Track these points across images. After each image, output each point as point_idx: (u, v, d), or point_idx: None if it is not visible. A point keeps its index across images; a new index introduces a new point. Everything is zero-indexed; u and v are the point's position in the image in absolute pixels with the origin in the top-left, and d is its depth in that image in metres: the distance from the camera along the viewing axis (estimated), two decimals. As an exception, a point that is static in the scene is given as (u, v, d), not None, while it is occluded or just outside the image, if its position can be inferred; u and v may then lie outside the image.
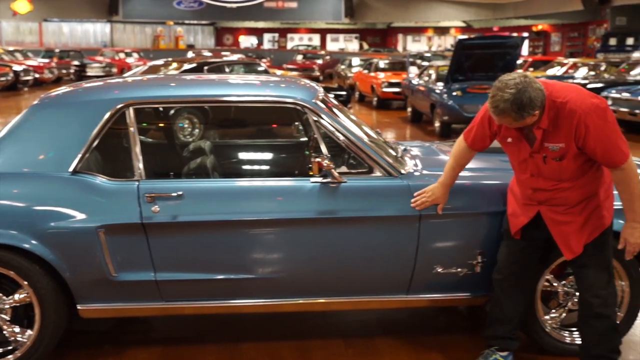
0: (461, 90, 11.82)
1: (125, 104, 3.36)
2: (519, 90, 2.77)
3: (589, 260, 3.09)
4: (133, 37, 45.41)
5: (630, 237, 3.03)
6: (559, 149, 2.92)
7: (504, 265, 3.27)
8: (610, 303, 3.14)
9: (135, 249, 3.25)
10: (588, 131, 2.84)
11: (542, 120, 2.88)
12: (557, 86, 2.94)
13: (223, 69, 11.72)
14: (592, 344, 3.18)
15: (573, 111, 2.84)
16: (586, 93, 2.94)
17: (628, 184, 2.93)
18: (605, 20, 32.02)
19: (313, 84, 3.89)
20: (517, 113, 2.80)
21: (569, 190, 3.02)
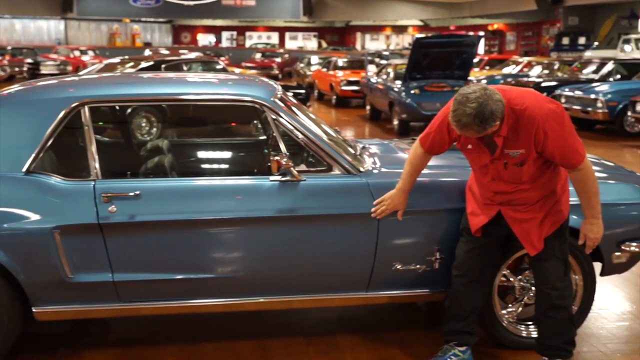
0: (419, 89, 11.94)
1: (80, 102, 3.31)
2: (480, 104, 2.79)
3: (546, 253, 3.16)
4: (88, 35, 44.65)
5: (590, 232, 3.15)
6: (519, 154, 2.97)
7: (463, 261, 3.31)
8: (567, 295, 3.22)
9: (92, 250, 3.20)
10: (547, 136, 2.90)
11: (502, 129, 2.92)
12: (514, 93, 2.98)
13: (181, 67, 11.60)
14: (549, 336, 3.25)
15: (532, 118, 2.89)
16: (543, 98, 3.00)
17: (585, 182, 3.03)
18: (558, 19, 32.67)
19: (271, 83, 3.89)
20: (479, 126, 2.83)
21: (529, 191, 3.09)
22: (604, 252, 3.56)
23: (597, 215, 3.11)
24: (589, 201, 3.09)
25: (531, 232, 3.14)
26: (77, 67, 27.09)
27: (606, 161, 4.24)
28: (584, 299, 3.58)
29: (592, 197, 3.07)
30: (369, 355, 3.56)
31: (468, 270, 3.30)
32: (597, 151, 10.16)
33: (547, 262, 3.17)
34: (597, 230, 3.14)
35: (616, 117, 11.98)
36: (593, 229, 3.14)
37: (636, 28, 26.40)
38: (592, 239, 3.16)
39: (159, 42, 46.63)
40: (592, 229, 3.14)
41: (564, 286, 3.20)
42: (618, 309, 4.23)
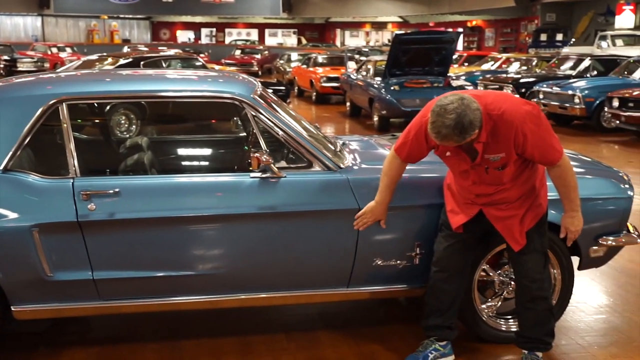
0: (399, 85, 11.98)
1: (58, 99, 3.28)
2: (459, 115, 2.80)
3: (526, 246, 3.20)
4: (66, 32, 44.16)
5: (571, 225, 3.20)
6: (500, 158, 3.00)
7: (442, 257, 3.33)
8: (546, 286, 3.27)
9: (71, 248, 3.18)
10: (526, 138, 2.94)
11: (481, 135, 2.93)
12: (490, 98, 2.99)
13: (160, 64, 11.54)
14: (528, 328, 3.29)
15: (510, 121, 2.92)
16: (518, 101, 3.03)
17: (565, 178, 3.08)
18: (536, 16, 32.94)
19: (251, 79, 3.88)
20: (459, 136, 2.85)
21: (510, 190, 3.13)
22: (581, 247, 3.60)
23: (576, 208, 3.16)
24: (568, 195, 3.13)
25: (513, 228, 3.18)
26: (54, 64, 26.80)
27: (583, 156, 4.29)
28: (563, 293, 3.62)
29: (572, 191, 3.12)
30: (350, 351, 3.57)
31: (447, 265, 3.32)
32: (574, 146, 10.26)
33: (527, 255, 3.21)
34: (577, 223, 3.20)
35: (593, 113, 12.11)
36: (574, 222, 3.19)
37: (612, 25, 26.68)
38: (573, 232, 3.22)
39: (137, 39, 46.24)
40: (573, 222, 3.19)
41: (544, 278, 3.25)
42: (595, 302, 4.29)
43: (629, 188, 3.74)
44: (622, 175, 3.86)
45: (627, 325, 3.93)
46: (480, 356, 3.52)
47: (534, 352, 3.31)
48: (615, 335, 3.81)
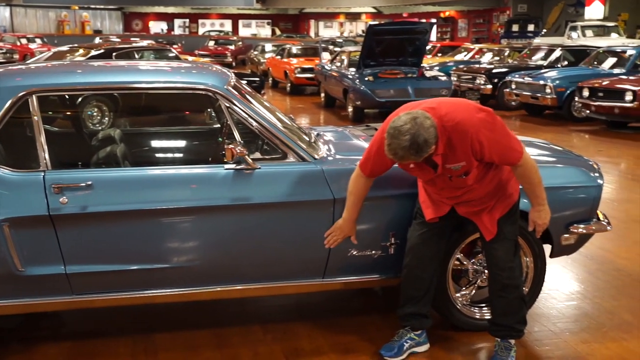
0: (373, 76, 12.00)
1: (27, 91, 3.23)
2: (413, 135, 2.82)
3: (497, 235, 3.24)
4: (35, 22, 43.48)
5: (538, 219, 3.25)
6: (461, 167, 3.02)
7: (416, 244, 3.35)
8: (517, 275, 3.30)
9: (43, 242, 3.15)
10: (482, 146, 2.95)
11: (438, 148, 2.95)
12: (444, 109, 2.98)
13: (132, 55, 11.43)
14: (500, 315, 3.33)
15: (464, 131, 2.93)
16: (472, 108, 3.01)
17: (528, 176, 3.11)
18: (507, 7, 33.22)
19: (225, 70, 3.86)
20: (416, 155, 2.88)
21: (477, 190, 3.16)
22: (553, 235, 3.65)
23: (542, 202, 3.21)
24: (533, 191, 3.17)
25: (484, 218, 3.23)
26: (24, 56, 26.40)
27: (555, 145, 4.34)
28: (535, 281, 3.67)
29: (536, 187, 3.15)
30: (325, 341, 3.59)
31: (421, 253, 3.34)
32: (546, 136, 10.39)
33: (497, 243, 3.25)
34: (544, 216, 3.24)
35: (564, 103, 12.25)
36: (540, 215, 3.24)
37: (582, 16, 26.98)
38: (541, 225, 3.26)
39: (109, 30, 45.72)
40: (540, 216, 3.24)
41: (514, 266, 3.28)
42: (567, 289, 4.35)
43: (598, 176, 3.79)
44: (592, 164, 3.92)
45: (598, 312, 3.99)
46: (454, 344, 3.56)
47: (506, 340, 3.35)
48: (586, 322, 3.87)
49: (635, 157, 9.30)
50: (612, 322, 3.85)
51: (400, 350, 3.39)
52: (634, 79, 11.15)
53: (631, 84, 10.91)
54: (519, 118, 13.11)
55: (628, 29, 25.95)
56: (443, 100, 3.10)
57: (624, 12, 26.85)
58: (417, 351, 3.44)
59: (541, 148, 4.14)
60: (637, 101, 10.55)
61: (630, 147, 9.96)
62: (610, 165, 8.58)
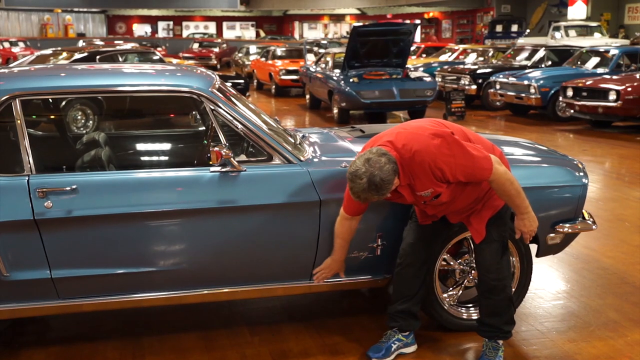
0: (358, 77, 12.01)
1: (11, 95, 3.20)
2: (369, 177, 2.87)
3: (485, 237, 3.25)
4: (18, 26, 43.16)
5: (523, 227, 3.22)
6: (430, 193, 3.04)
7: (410, 245, 3.35)
8: (505, 276, 3.30)
9: (28, 247, 3.12)
10: (444, 171, 2.96)
11: (401, 180, 2.99)
12: (401, 140, 3.00)
13: (116, 58, 11.38)
14: (488, 316, 3.34)
15: (421, 161, 2.95)
16: (428, 136, 2.99)
17: (502, 189, 3.07)
18: (491, 7, 33.39)
19: (209, 73, 3.84)
20: (377, 194, 2.93)
21: (460, 202, 3.18)
22: (539, 234, 3.66)
23: (524, 211, 3.16)
24: (512, 202, 3.14)
25: (473, 221, 3.25)
26: (7, 59, 26.24)
27: (540, 145, 4.36)
28: (521, 280, 3.69)
29: (514, 198, 3.11)
30: (313, 343, 3.58)
31: (415, 253, 3.35)
32: (530, 136, 10.46)
33: (484, 244, 3.26)
34: (529, 224, 3.20)
35: (548, 103, 12.33)
36: (525, 223, 3.20)
37: (565, 16, 27.17)
38: (527, 232, 3.23)
39: (92, 33, 45.47)
40: (524, 224, 3.20)
41: (501, 268, 3.29)
42: (553, 288, 4.37)
43: (583, 176, 3.81)
44: (577, 164, 3.94)
45: (584, 310, 4.02)
46: (442, 345, 3.57)
47: (494, 340, 3.36)
48: (572, 321, 3.89)
49: (619, 156, 9.38)
50: (599, 320, 3.88)
51: (388, 351, 3.40)
52: (617, 79, 11.25)
53: (614, 83, 11.00)
54: (503, 118, 13.18)
55: (610, 28, 26.19)
56: (402, 130, 3.09)
57: (606, 12, 27.10)
58: (404, 352, 3.44)
59: (526, 148, 4.16)
60: (621, 100, 10.64)
61: (614, 146, 10.04)
62: (594, 165, 8.65)
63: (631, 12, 26.91)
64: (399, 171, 2.96)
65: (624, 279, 4.51)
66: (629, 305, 4.08)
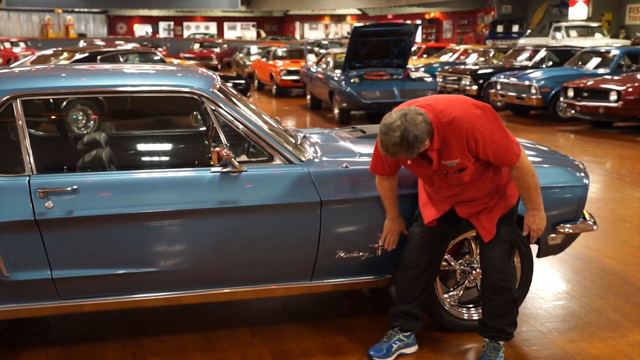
0: (358, 77, 12.01)
1: (12, 95, 3.20)
2: (403, 131, 2.83)
3: (494, 236, 3.22)
4: (19, 26, 43.19)
5: (532, 224, 3.22)
6: (456, 164, 3.02)
7: (414, 247, 3.34)
8: (510, 277, 3.29)
9: (29, 247, 3.12)
10: (478, 143, 2.95)
11: (433, 143, 2.96)
12: (440, 105, 2.99)
13: (117, 58, 11.38)
14: (491, 317, 3.33)
15: (460, 128, 2.93)
16: (469, 104, 3.01)
17: (523, 179, 3.09)
18: (492, 8, 33.37)
19: (210, 73, 3.84)
20: (407, 151, 2.89)
21: (475, 189, 3.16)
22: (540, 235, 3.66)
23: (537, 207, 3.18)
24: (528, 195, 3.15)
25: (483, 219, 3.21)
26: (8, 60, 26.26)
27: (541, 146, 4.36)
28: (522, 280, 3.68)
29: (532, 191, 3.13)
30: (314, 343, 3.58)
31: (419, 256, 3.33)
32: (531, 136, 10.45)
33: (493, 244, 3.24)
34: (539, 222, 3.22)
35: (549, 103, 12.33)
36: (535, 220, 3.21)
37: (566, 16, 27.15)
38: (535, 230, 3.24)
39: (93, 33, 45.50)
40: (535, 221, 3.21)
41: (508, 269, 3.27)
42: (554, 289, 4.37)
43: (584, 176, 3.81)
44: (577, 164, 3.94)
45: (585, 311, 4.02)
46: (443, 345, 3.57)
47: (495, 340, 3.35)
48: (573, 321, 3.89)
49: (620, 156, 9.37)
50: (599, 321, 3.88)
51: (389, 351, 3.40)
52: (618, 79, 11.24)
53: (615, 83, 10.99)
54: (504, 118, 13.17)
55: (611, 29, 26.17)
56: (440, 97, 3.11)
57: (607, 13, 27.07)
58: (405, 352, 3.44)
59: (527, 148, 4.14)
60: (622, 101, 10.64)
61: (615, 147, 10.03)
62: (595, 165, 8.64)
63: (632, 13, 26.89)
64: (433, 133, 2.92)
65: (625, 280, 4.51)
66: (630, 305, 4.08)
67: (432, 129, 2.91)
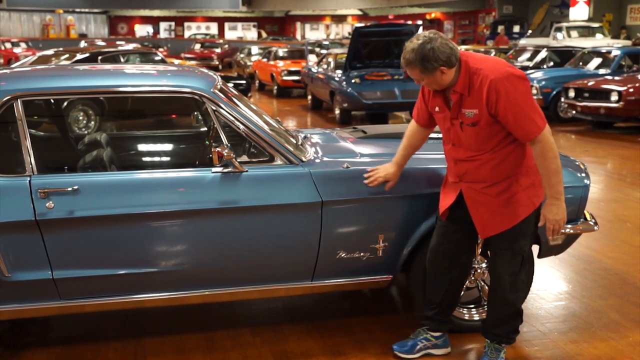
0: (359, 78, 12.01)
1: (12, 95, 3.20)
2: (424, 42, 2.87)
3: (502, 245, 3.15)
4: (20, 26, 43.22)
5: (549, 213, 3.00)
6: (474, 115, 2.94)
7: (431, 252, 3.32)
8: (518, 289, 3.21)
9: (30, 248, 3.12)
10: (499, 97, 2.86)
11: (457, 84, 2.95)
12: (478, 56, 3.02)
13: (118, 59, 11.38)
14: (494, 325, 3.30)
15: (486, 77, 2.88)
16: (504, 63, 2.96)
17: (543, 158, 2.92)
18: (493, 8, 33.37)
19: (211, 73, 3.84)
20: (421, 64, 2.88)
21: (486, 163, 3.03)
22: (541, 235, 3.65)
23: (557, 195, 2.96)
24: (548, 179, 2.95)
25: (484, 216, 3.11)
26: (8, 60, 26.28)
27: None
28: (523, 281, 3.68)
29: (552, 175, 2.93)
30: (315, 344, 3.58)
31: (436, 260, 3.32)
32: (533, 137, 10.41)
33: (501, 255, 3.15)
34: (556, 212, 2.98)
35: (550, 103, 12.32)
36: (552, 209, 2.98)
37: (567, 16, 27.14)
38: (551, 221, 3.00)
39: (94, 34, 45.53)
40: (552, 210, 2.98)
41: (516, 281, 3.18)
42: (555, 289, 4.37)
43: (585, 177, 3.81)
44: (578, 164, 3.94)
45: (586, 311, 4.01)
46: (443, 345, 3.56)
47: (497, 342, 3.34)
48: (574, 321, 3.89)
49: (621, 157, 9.37)
50: (600, 321, 3.87)
51: (413, 348, 3.39)
52: (619, 80, 11.24)
53: (616, 84, 10.99)
54: (505, 119, 13.15)
55: (612, 29, 26.15)
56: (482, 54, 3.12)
57: (608, 13, 27.06)
58: (433, 354, 3.42)
59: (528, 149, 4.15)
60: (623, 101, 10.64)
61: (616, 147, 10.03)
62: (596, 166, 8.64)
63: (633, 13, 26.88)
64: (460, 71, 2.94)
65: (626, 280, 4.50)
66: (631, 305, 4.08)
67: (457, 64, 2.93)
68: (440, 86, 3.00)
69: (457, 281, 3.36)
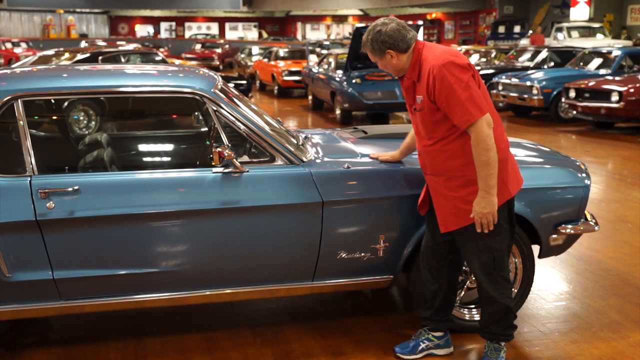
0: (360, 78, 12.00)
1: (13, 96, 3.20)
2: (377, 25, 3.06)
3: (468, 244, 3.15)
4: (20, 26, 43.22)
5: (477, 206, 2.97)
6: (421, 101, 3.06)
7: (424, 244, 3.36)
8: (501, 286, 3.19)
9: (30, 248, 3.12)
10: (436, 83, 2.93)
11: (408, 71, 3.08)
12: (433, 46, 3.10)
13: (119, 59, 11.39)
14: (487, 324, 3.31)
15: (429, 64, 2.99)
16: (452, 52, 2.99)
17: (475, 148, 2.90)
18: (494, 8, 33.36)
19: (212, 74, 3.84)
20: (370, 45, 3.07)
21: (439, 153, 3.05)
22: (541, 235, 3.66)
23: (486, 188, 2.91)
24: (478, 171, 2.92)
25: (445, 210, 3.11)
26: (9, 60, 26.29)
27: (542, 146, 4.35)
28: (524, 281, 3.68)
29: (481, 167, 2.89)
30: (315, 344, 3.58)
31: (427, 261, 3.35)
32: (533, 137, 10.44)
33: (470, 252, 3.16)
34: (484, 205, 2.93)
35: (551, 104, 12.32)
36: (480, 202, 2.94)
37: (568, 17, 27.13)
38: (478, 214, 2.96)
39: (95, 34, 45.53)
40: (480, 202, 2.94)
41: (495, 279, 3.17)
42: (556, 289, 4.37)
43: (586, 177, 3.81)
44: (579, 165, 3.93)
45: (586, 312, 4.01)
46: (444, 346, 3.56)
47: (496, 341, 3.34)
48: (575, 322, 3.88)
49: (621, 157, 9.37)
50: (601, 322, 3.87)
51: (415, 349, 3.40)
52: (620, 80, 11.23)
53: (617, 84, 10.99)
54: (506, 119, 13.16)
55: (613, 29, 26.16)
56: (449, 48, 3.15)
57: (609, 13, 27.05)
58: (436, 354, 3.42)
59: (529, 149, 4.16)
60: (623, 102, 10.63)
61: (617, 148, 10.03)
62: (597, 166, 8.64)
63: (634, 13, 26.87)
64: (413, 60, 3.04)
65: (626, 280, 4.50)
66: (632, 306, 4.07)
67: (409, 50, 3.04)
68: (395, 71, 3.14)
69: (448, 279, 3.37)
